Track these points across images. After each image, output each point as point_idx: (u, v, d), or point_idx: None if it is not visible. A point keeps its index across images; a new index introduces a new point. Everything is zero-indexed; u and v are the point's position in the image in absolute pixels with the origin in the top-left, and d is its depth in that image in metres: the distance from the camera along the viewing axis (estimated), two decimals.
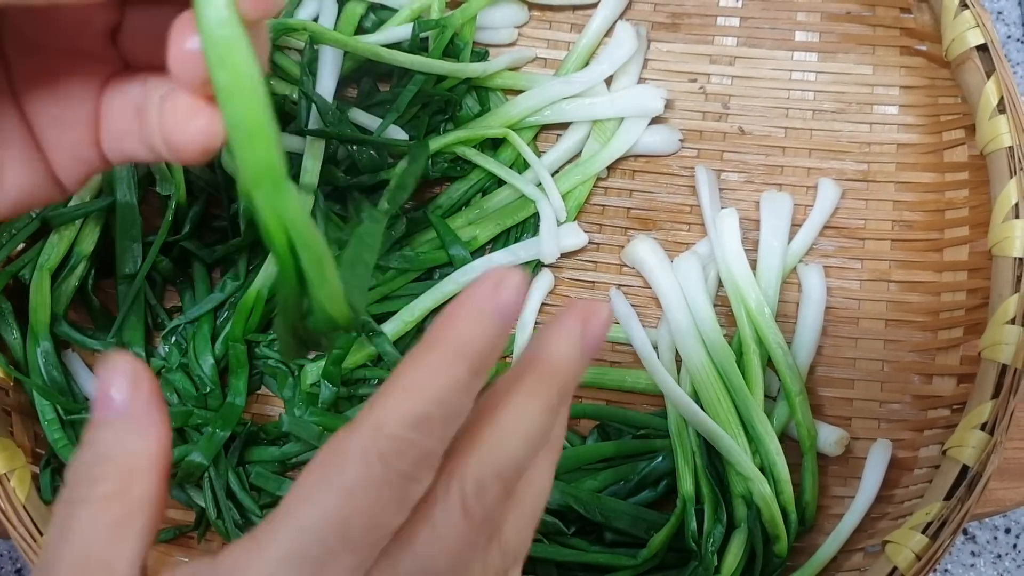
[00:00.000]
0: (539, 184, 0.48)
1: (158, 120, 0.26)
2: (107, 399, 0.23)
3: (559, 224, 0.47)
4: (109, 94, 0.28)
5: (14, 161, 0.27)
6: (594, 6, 0.51)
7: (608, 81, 0.49)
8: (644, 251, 0.47)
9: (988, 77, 0.43)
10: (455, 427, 0.22)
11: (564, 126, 0.49)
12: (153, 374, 0.24)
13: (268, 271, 0.45)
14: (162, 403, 0.24)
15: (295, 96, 0.47)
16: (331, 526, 0.21)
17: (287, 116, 0.49)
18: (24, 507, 0.41)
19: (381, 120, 0.47)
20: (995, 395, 0.40)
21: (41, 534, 0.40)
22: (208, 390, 0.45)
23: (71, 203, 0.46)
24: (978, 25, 0.44)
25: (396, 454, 0.21)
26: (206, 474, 0.44)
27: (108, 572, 0.22)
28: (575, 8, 0.52)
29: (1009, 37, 0.63)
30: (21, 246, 0.47)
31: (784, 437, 0.44)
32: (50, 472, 0.44)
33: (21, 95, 0.27)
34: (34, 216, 0.46)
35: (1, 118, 0.27)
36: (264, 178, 0.21)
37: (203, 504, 0.45)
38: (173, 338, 0.46)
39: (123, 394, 0.23)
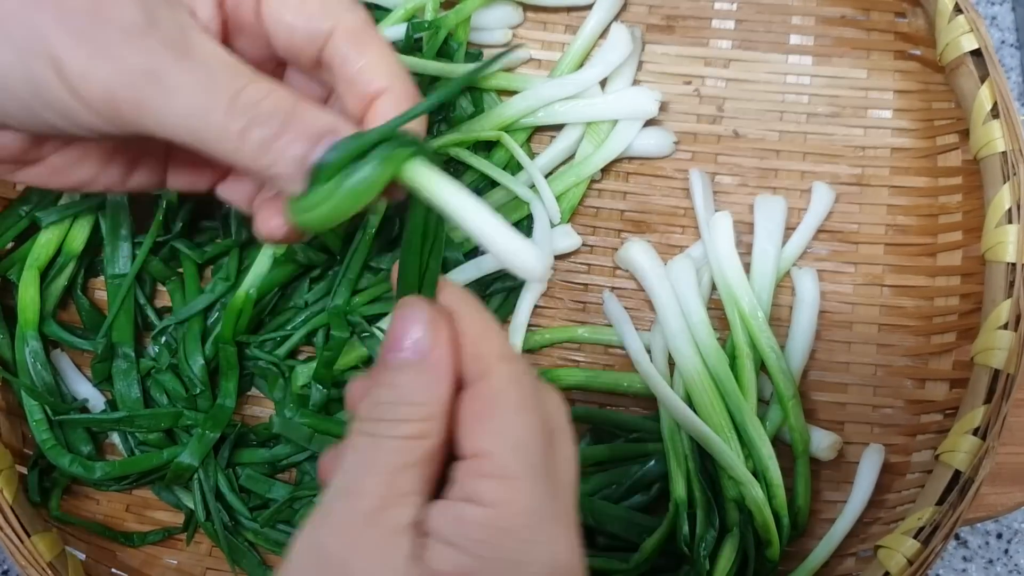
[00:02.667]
0: (533, 186, 0.47)
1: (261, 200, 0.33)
2: (406, 342, 0.26)
3: (553, 226, 0.47)
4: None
5: (145, 167, 0.34)
6: (589, 8, 0.50)
7: (602, 83, 0.49)
8: (638, 254, 0.47)
9: (982, 82, 0.43)
10: None
11: (558, 128, 0.49)
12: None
13: (258, 272, 0.45)
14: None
15: None
16: None
17: None
18: (11, 508, 0.40)
19: None
20: (987, 400, 0.40)
21: (28, 535, 0.40)
22: (198, 391, 0.45)
23: (60, 202, 0.46)
24: (972, 30, 0.44)
25: None
26: (195, 476, 0.44)
27: (406, 504, 0.24)
28: (570, 9, 0.52)
29: (1003, 42, 0.63)
30: (10, 245, 0.46)
31: (777, 441, 0.44)
32: (37, 473, 0.44)
33: (172, 147, 0.33)
34: (23, 215, 0.45)
35: (152, 141, 0.30)
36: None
37: (192, 506, 0.45)
38: (163, 338, 0.46)
39: (425, 341, 0.26)
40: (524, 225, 0.48)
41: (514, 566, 0.24)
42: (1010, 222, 0.42)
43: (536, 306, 0.48)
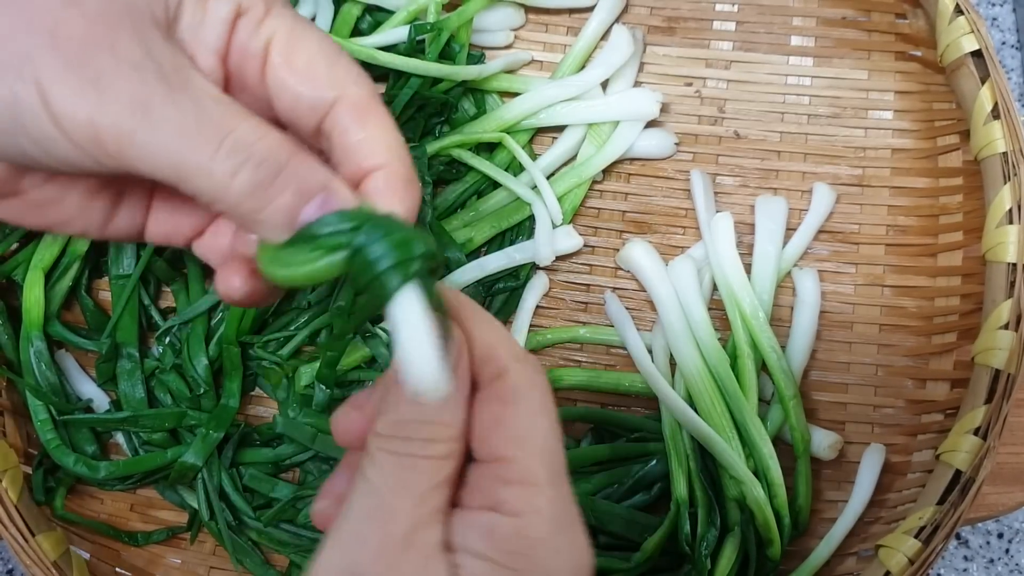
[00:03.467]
0: (534, 187, 0.48)
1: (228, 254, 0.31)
2: (436, 380, 0.25)
3: (554, 227, 0.47)
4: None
5: (126, 214, 0.32)
6: (590, 9, 0.51)
7: (604, 84, 0.49)
8: (639, 254, 0.47)
9: (982, 83, 0.43)
10: None
11: (560, 129, 0.49)
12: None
13: None
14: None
15: None
16: None
17: None
18: (16, 507, 0.41)
19: None
20: (988, 400, 0.40)
21: (33, 534, 0.40)
22: (202, 391, 0.45)
23: None
24: (973, 31, 0.44)
25: None
26: (199, 475, 0.44)
27: (437, 522, 0.25)
28: (571, 11, 0.52)
29: (1004, 43, 0.63)
30: (15, 246, 0.47)
31: (778, 441, 0.44)
32: (42, 472, 0.44)
33: (154, 194, 0.32)
34: None
35: (135, 187, 0.32)
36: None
37: (196, 505, 0.45)
38: (167, 339, 0.46)
39: (447, 381, 0.24)
40: (526, 226, 0.48)
41: (546, 573, 0.24)
42: (1011, 222, 0.42)
43: (538, 306, 0.48)
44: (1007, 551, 0.54)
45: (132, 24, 0.26)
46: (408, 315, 0.24)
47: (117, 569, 0.45)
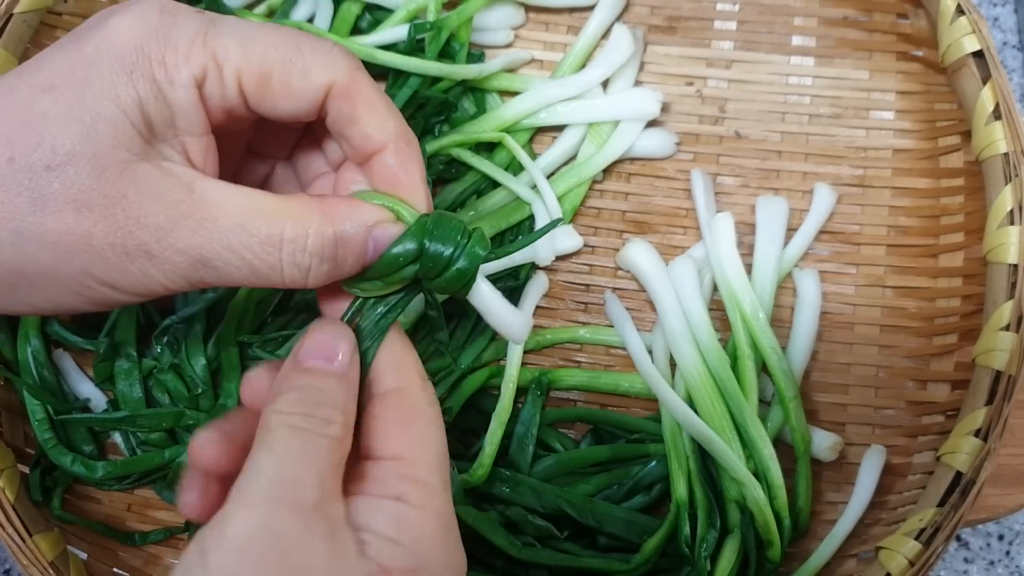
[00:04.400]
0: (534, 187, 0.47)
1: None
2: (330, 354, 0.29)
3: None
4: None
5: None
6: (591, 8, 0.51)
7: (604, 84, 0.49)
8: (639, 254, 0.47)
9: (984, 83, 0.43)
10: None
11: (560, 128, 0.49)
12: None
13: None
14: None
15: None
16: None
17: None
18: (13, 507, 0.40)
19: None
20: (989, 401, 0.40)
21: (30, 534, 0.40)
22: (200, 391, 0.45)
23: None
24: (974, 31, 0.44)
25: None
26: None
27: (339, 500, 0.27)
28: (572, 10, 0.52)
29: (1005, 44, 0.63)
30: None
31: (778, 442, 0.44)
32: (39, 472, 0.44)
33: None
34: None
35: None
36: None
37: None
38: (165, 338, 0.46)
39: (346, 358, 0.29)
40: (526, 226, 0.48)
41: (445, 567, 0.28)
42: (1012, 223, 0.42)
43: (538, 306, 0.48)
44: (1008, 553, 0.54)
45: (128, 178, 0.28)
46: (487, 292, 0.33)
47: (114, 569, 0.45)
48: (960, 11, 0.44)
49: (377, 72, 0.50)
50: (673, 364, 0.45)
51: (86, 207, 0.27)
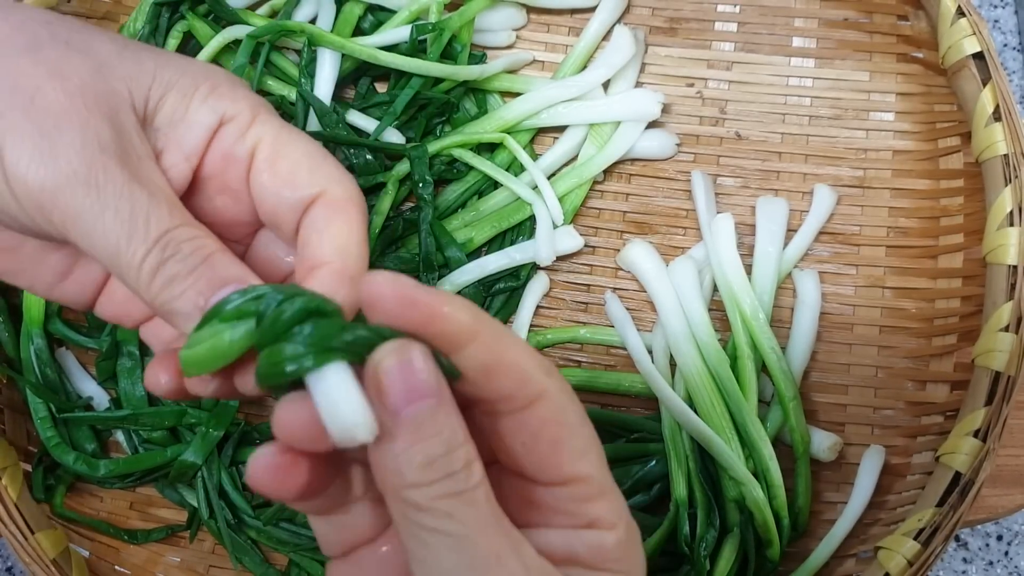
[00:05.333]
0: (535, 187, 0.48)
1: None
2: (426, 386, 0.22)
3: (555, 227, 0.47)
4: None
5: (76, 282, 0.31)
6: (592, 10, 0.51)
7: (605, 85, 0.49)
8: (640, 255, 0.47)
9: (984, 85, 0.43)
10: None
11: (561, 129, 0.49)
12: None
13: None
14: None
15: (293, 97, 0.47)
16: None
17: (285, 117, 0.49)
18: (15, 505, 0.41)
19: (378, 122, 0.47)
20: (988, 402, 0.40)
21: (32, 532, 0.40)
22: None
23: None
24: (975, 33, 0.44)
25: None
26: (199, 473, 0.44)
27: (521, 543, 0.23)
28: (573, 11, 0.52)
29: (1005, 45, 0.63)
30: None
31: (777, 442, 0.44)
32: (42, 470, 0.44)
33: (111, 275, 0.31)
34: None
35: (88, 275, 0.31)
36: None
37: (195, 504, 0.45)
38: None
39: (434, 376, 0.22)
40: (526, 226, 0.48)
41: (641, 570, 0.26)
42: (1011, 225, 0.42)
43: (538, 306, 0.48)
44: (1006, 553, 0.54)
45: (110, 107, 0.27)
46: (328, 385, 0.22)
47: (116, 567, 0.45)
48: (960, 13, 0.44)
49: (379, 73, 0.50)
50: (673, 364, 0.46)
51: (62, 76, 0.26)
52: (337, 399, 0.22)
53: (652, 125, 0.49)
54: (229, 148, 0.29)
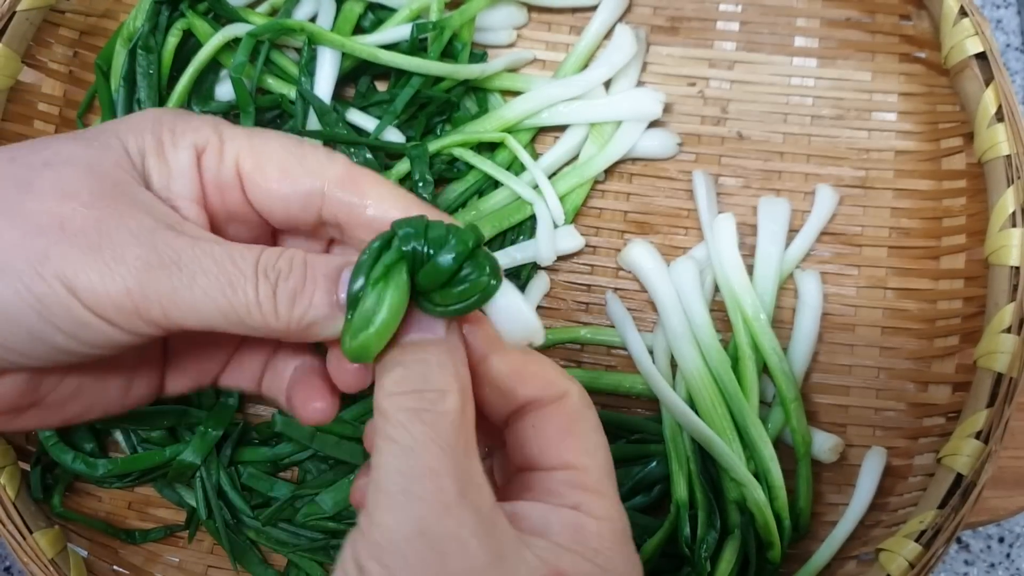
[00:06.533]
0: (536, 186, 0.47)
1: (287, 384, 0.32)
2: (428, 327, 0.27)
3: (556, 227, 0.47)
4: (244, 349, 0.33)
5: (143, 379, 0.32)
6: (593, 8, 0.51)
7: (607, 84, 0.49)
8: (641, 255, 0.47)
9: (987, 85, 0.43)
10: None
11: (562, 128, 0.49)
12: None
13: None
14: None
15: (293, 96, 0.47)
16: None
17: (285, 116, 0.49)
18: (13, 504, 0.41)
19: (378, 121, 0.47)
20: (990, 404, 0.40)
21: (31, 532, 0.40)
22: None
23: None
24: (977, 33, 0.44)
25: None
26: (197, 473, 0.44)
27: (478, 483, 0.25)
28: (574, 10, 0.52)
29: (1008, 46, 0.63)
30: None
31: (779, 443, 0.44)
32: (40, 470, 0.44)
33: (167, 353, 0.33)
34: None
35: (149, 349, 0.32)
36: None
37: (194, 504, 0.45)
38: None
39: (442, 328, 0.27)
40: (527, 226, 0.48)
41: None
42: (1014, 226, 0.42)
43: (539, 306, 0.48)
44: (1008, 555, 0.54)
45: (126, 195, 0.27)
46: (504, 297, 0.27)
47: (115, 567, 0.45)
48: (963, 13, 0.44)
49: (379, 72, 0.50)
50: (674, 364, 0.45)
51: (71, 196, 0.26)
52: (520, 309, 0.26)
53: (653, 124, 0.49)
54: (215, 176, 0.29)
